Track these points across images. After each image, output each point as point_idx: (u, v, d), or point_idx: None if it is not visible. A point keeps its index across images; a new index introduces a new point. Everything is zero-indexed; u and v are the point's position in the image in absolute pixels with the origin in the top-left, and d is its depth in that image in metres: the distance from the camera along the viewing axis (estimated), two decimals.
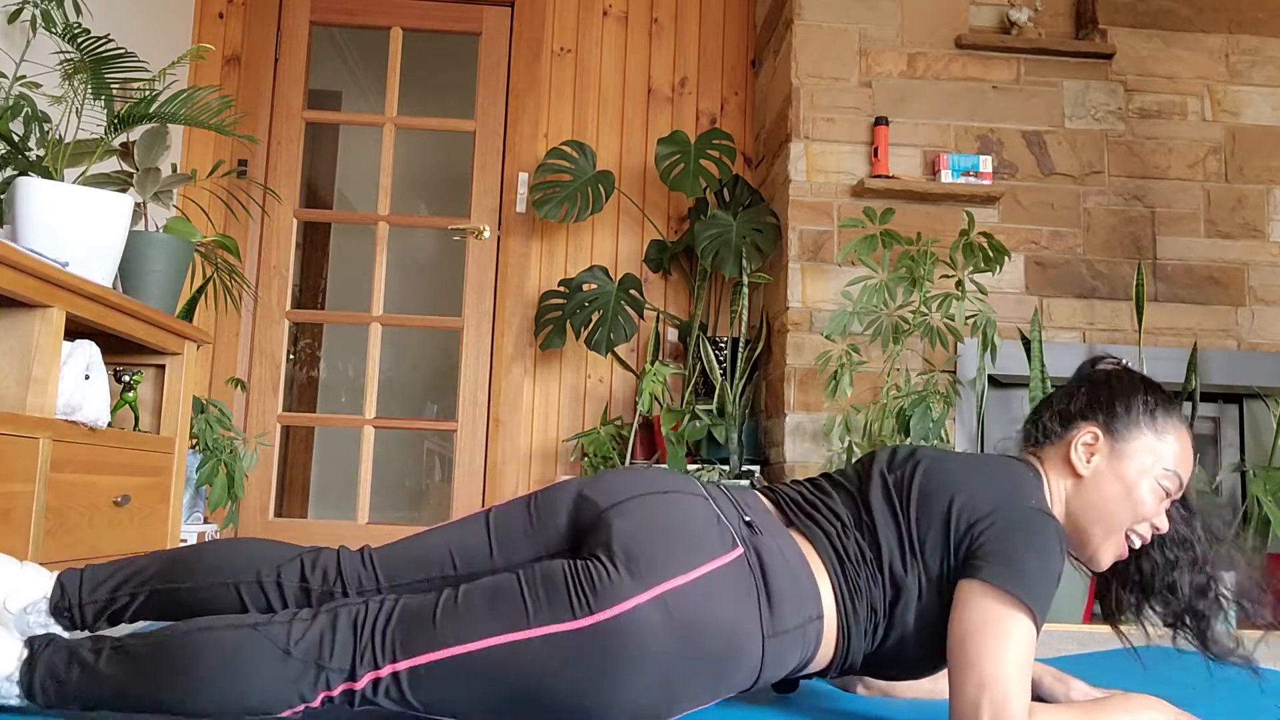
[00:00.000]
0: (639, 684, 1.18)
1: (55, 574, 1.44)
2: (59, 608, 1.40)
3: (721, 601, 1.23)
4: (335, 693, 1.19)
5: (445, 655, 1.19)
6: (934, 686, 1.58)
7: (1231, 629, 1.48)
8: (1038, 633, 1.22)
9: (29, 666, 1.23)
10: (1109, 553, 1.42)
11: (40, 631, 1.37)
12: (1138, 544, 1.42)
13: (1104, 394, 1.45)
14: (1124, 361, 1.52)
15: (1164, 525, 1.41)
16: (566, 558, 1.29)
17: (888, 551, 1.35)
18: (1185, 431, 1.44)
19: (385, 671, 1.19)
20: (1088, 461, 1.42)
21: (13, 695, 1.23)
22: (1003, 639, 1.20)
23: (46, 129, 2.46)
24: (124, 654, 1.22)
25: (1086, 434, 1.42)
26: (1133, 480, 1.40)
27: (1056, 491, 1.42)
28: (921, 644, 1.35)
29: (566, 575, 1.22)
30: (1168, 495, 1.41)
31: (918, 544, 1.34)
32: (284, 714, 1.19)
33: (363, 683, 1.19)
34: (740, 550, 1.28)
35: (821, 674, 1.43)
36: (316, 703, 1.19)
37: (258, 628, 1.21)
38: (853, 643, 1.36)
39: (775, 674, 1.32)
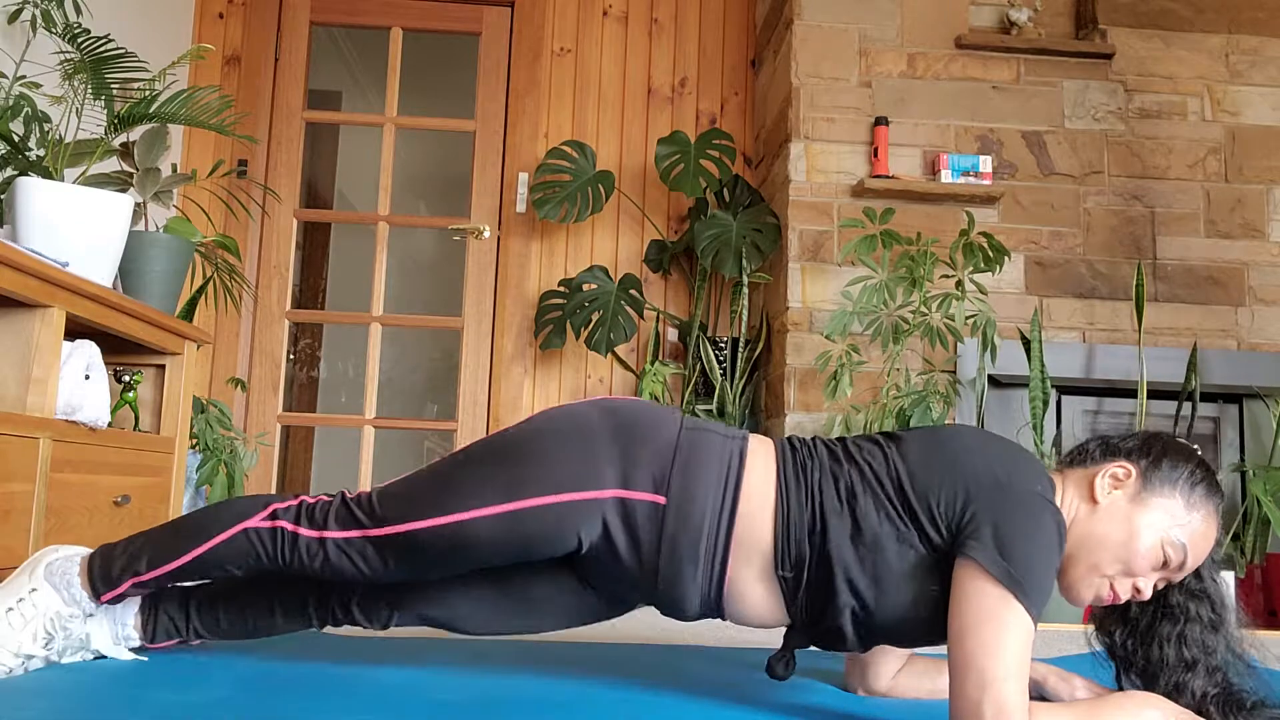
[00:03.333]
0: (556, 423, 1.40)
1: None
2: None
3: (645, 402, 1.46)
4: (323, 498, 1.44)
5: (410, 474, 1.46)
6: (934, 686, 1.58)
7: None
8: (1035, 626, 1.22)
9: (92, 553, 1.51)
10: (1086, 590, 1.37)
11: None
12: (1120, 597, 1.37)
13: (1157, 447, 1.41)
14: (1197, 449, 1.44)
15: (1145, 591, 1.36)
16: None
17: (862, 465, 1.35)
18: (1216, 524, 1.38)
19: (362, 493, 1.44)
20: (1109, 492, 1.38)
21: (74, 581, 1.47)
22: (1001, 636, 1.19)
23: (46, 129, 2.46)
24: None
25: (1120, 468, 1.39)
26: (1139, 529, 1.35)
27: (1067, 508, 1.39)
28: (901, 591, 1.32)
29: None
30: (1165, 564, 1.35)
31: (904, 478, 1.32)
32: (278, 504, 1.43)
33: (349, 496, 1.44)
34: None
35: (799, 632, 1.40)
36: (308, 499, 1.44)
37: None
38: (791, 510, 1.34)
39: (693, 476, 1.35)
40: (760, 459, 1.38)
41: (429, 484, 1.41)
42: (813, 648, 1.46)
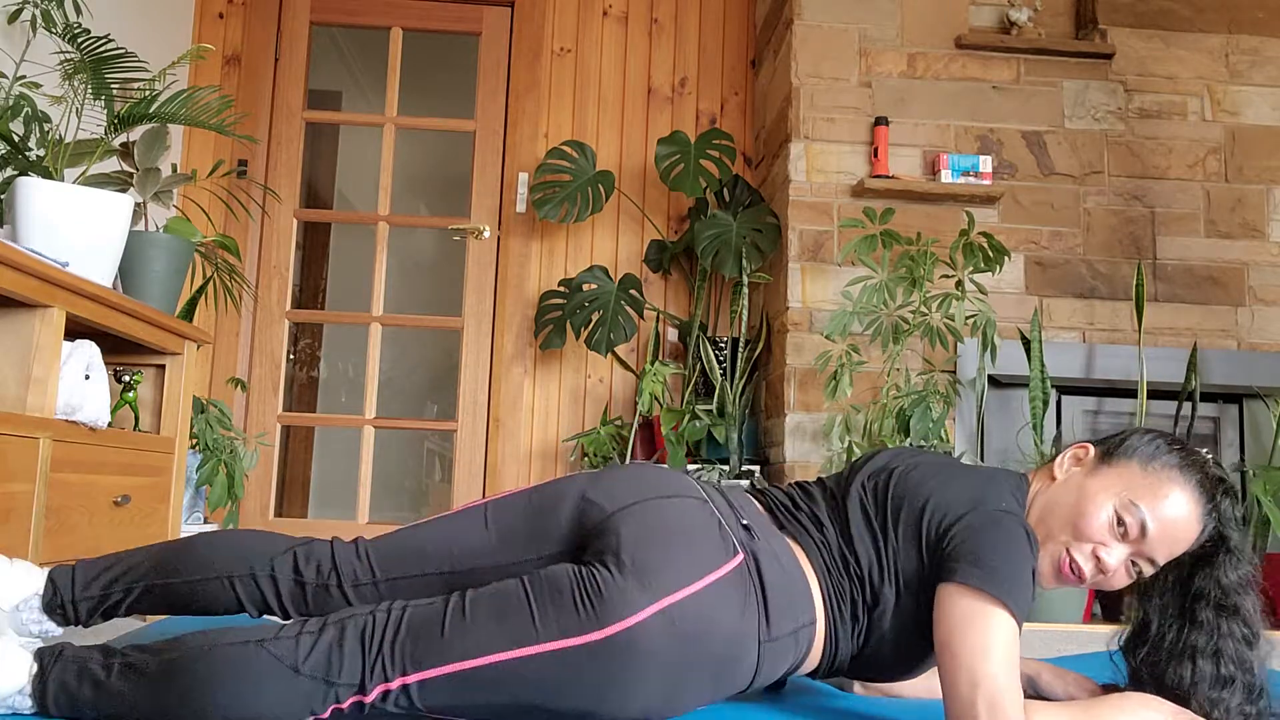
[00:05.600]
0: (643, 691, 1.22)
1: (46, 570, 1.44)
2: (51, 605, 1.41)
3: (723, 610, 1.25)
4: (345, 705, 1.23)
5: (454, 669, 1.22)
6: (931, 685, 1.58)
7: None
8: (1019, 629, 1.22)
9: (40, 681, 1.24)
10: (1045, 563, 1.36)
11: (34, 628, 1.38)
12: (1083, 567, 1.34)
13: (1125, 432, 1.42)
14: (1209, 455, 1.42)
15: (1110, 562, 1.33)
16: (569, 559, 1.31)
17: (866, 561, 1.37)
18: (1191, 499, 1.33)
19: (395, 684, 1.22)
20: (1067, 470, 1.41)
21: (26, 707, 1.25)
22: (986, 635, 1.20)
23: (46, 129, 2.46)
24: (134, 671, 1.24)
25: (1080, 449, 1.42)
26: (1090, 493, 1.35)
27: (1032, 495, 1.42)
28: (900, 647, 1.38)
29: (573, 585, 1.23)
30: (1123, 530, 1.33)
31: (892, 553, 1.36)
32: None
33: (372, 695, 1.22)
34: (740, 557, 1.30)
35: (811, 675, 1.45)
36: (326, 715, 1.22)
37: (264, 644, 1.22)
38: (840, 645, 1.39)
39: (769, 677, 1.34)
40: (820, 631, 1.38)
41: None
42: None
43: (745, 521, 1.36)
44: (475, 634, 1.23)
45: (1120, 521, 1.33)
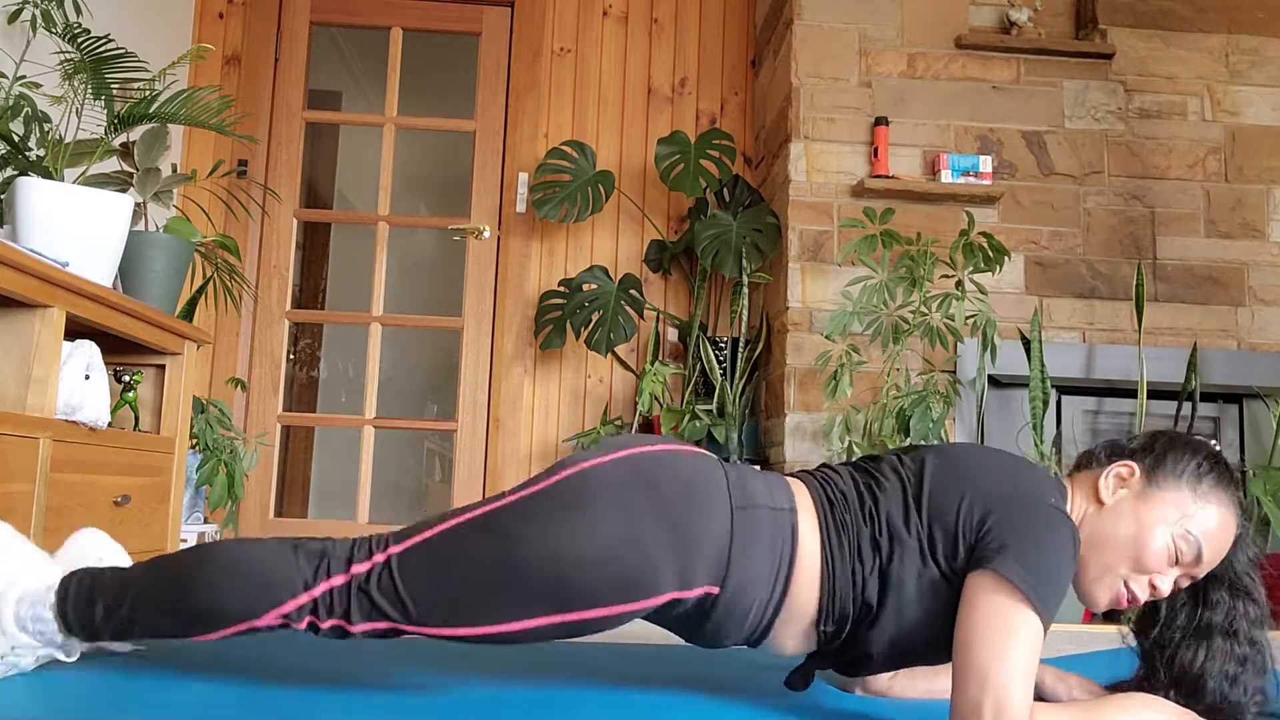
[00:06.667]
0: (600, 527, 1.27)
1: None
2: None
3: (684, 466, 1.35)
4: (336, 582, 1.31)
5: (431, 533, 1.33)
6: (931, 686, 1.58)
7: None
8: (1045, 632, 1.21)
9: (63, 587, 1.37)
10: (1103, 593, 1.37)
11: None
12: (1139, 597, 1.36)
13: (1161, 442, 1.42)
14: (1214, 444, 1.44)
15: (1164, 588, 1.35)
16: None
17: (886, 505, 1.35)
18: (1232, 514, 1.37)
19: (379, 558, 1.32)
20: (1114, 492, 1.39)
21: (53, 629, 1.37)
22: (1009, 641, 1.19)
23: (46, 129, 2.46)
24: (149, 563, 1.40)
25: (1124, 467, 1.40)
26: (1147, 525, 1.35)
27: (1076, 512, 1.40)
28: (924, 618, 1.32)
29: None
30: (1178, 560, 1.35)
31: (924, 509, 1.33)
32: (287, 605, 1.30)
33: (362, 567, 1.31)
34: (716, 459, 1.42)
35: (824, 656, 1.41)
36: (319, 590, 1.30)
37: (272, 537, 1.39)
38: (838, 579, 1.33)
39: (748, 567, 1.32)
40: (808, 531, 1.36)
41: (469, 589, 1.30)
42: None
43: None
44: (451, 512, 1.37)
45: (1176, 551, 1.35)
